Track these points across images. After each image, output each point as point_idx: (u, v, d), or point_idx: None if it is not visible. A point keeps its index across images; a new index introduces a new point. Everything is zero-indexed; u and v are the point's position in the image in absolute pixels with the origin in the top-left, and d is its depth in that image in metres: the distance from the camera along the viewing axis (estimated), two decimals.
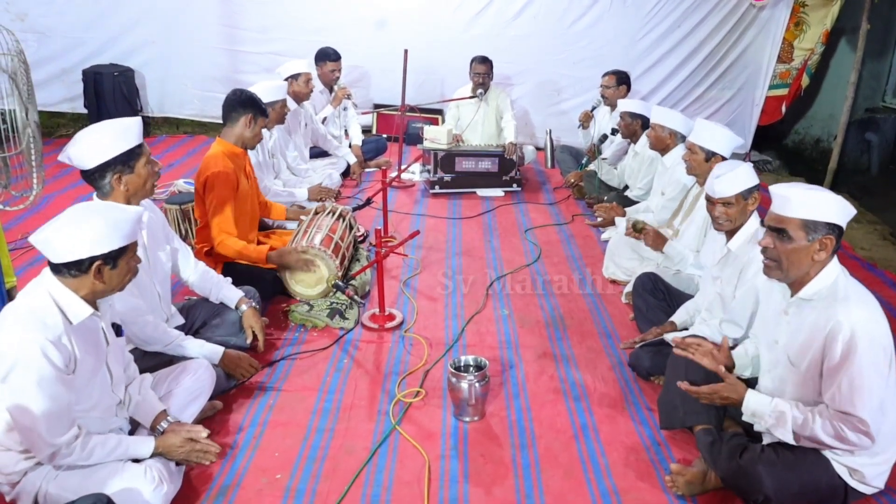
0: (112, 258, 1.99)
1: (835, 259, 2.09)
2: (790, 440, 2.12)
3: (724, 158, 3.24)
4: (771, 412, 2.14)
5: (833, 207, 2.04)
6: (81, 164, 2.42)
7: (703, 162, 3.27)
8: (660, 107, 4.17)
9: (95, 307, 2.07)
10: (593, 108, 5.48)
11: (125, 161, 2.45)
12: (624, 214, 4.39)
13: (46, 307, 1.95)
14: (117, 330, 2.22)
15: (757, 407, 2.18)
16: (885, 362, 1.99)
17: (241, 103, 3.43)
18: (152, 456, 2.17)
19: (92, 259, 1.95)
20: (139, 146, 2.50)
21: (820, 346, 2.04)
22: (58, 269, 1.97)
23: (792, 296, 2.15)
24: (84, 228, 1.94)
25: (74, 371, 1.97)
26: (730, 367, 2.38)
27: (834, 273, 2.08)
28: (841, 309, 2.00)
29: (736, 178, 2.64)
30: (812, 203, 2.04)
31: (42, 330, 1.90)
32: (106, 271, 2.00)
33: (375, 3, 6.47)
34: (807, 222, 2.04)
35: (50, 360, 1.88)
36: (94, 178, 2.45)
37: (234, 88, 3.54)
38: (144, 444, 2.17)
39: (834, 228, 2.04)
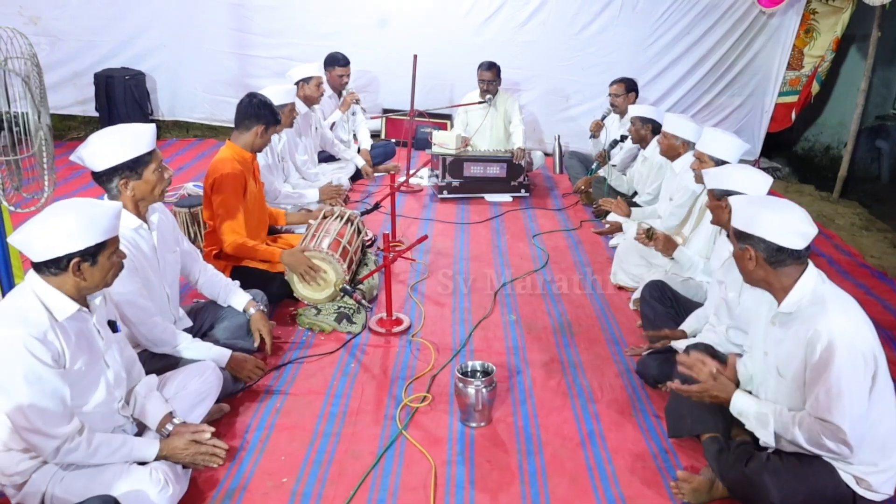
0: (90, 254, 1.98)
1: (809, 270, 2.10)
2: (771, 442, 2.16)
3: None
4: (755, 413, 2.18)
5: (758, 223, 2.07)
6: (91, 165, 2.44)
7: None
8: (671, 114, 4.16)
9: (85, 304, 2.08)
10: (604, 118, 5.46)
11: (133, 167, 2.46)
12: (629, 213, 4.39)
13: (31, 305, 1.96)
14: (112, 326, 2.22)
15: (743, 407, 2.23)
16: (864, 370, 1.98)
17: (256, 114, 3.44)
18: (157, 459, 2.18)
19: (69, 256, 1.95)
20: (149, 153, 2.50)
21: (802, 356, 2.05)
22: (39, 267, 1.98)
23: (777, 307, 2.15)
24: (58, 226, 1.94)
25: (66, 367, 1.97)
26: (735, 384, 2.36)
27: (810, 284, 2.08)
28: (820, 318, 2.01)
29: (718, 174, 2.71)
30: (741, 215, 2.14)
31: (25, 326, 1.90)
32: (85, 268, 1.99)
33: (385, 9, 6.50)
34: (734, 230, 2.16)
35: (35, 355, 1.89)
36: (102, 180, 2.47)
37: (249, 93, 3.54)
38: (149, 447, 2.18)
39: (757, 242, 2.07)
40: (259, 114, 3.44)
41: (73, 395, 2.00)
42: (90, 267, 2.00)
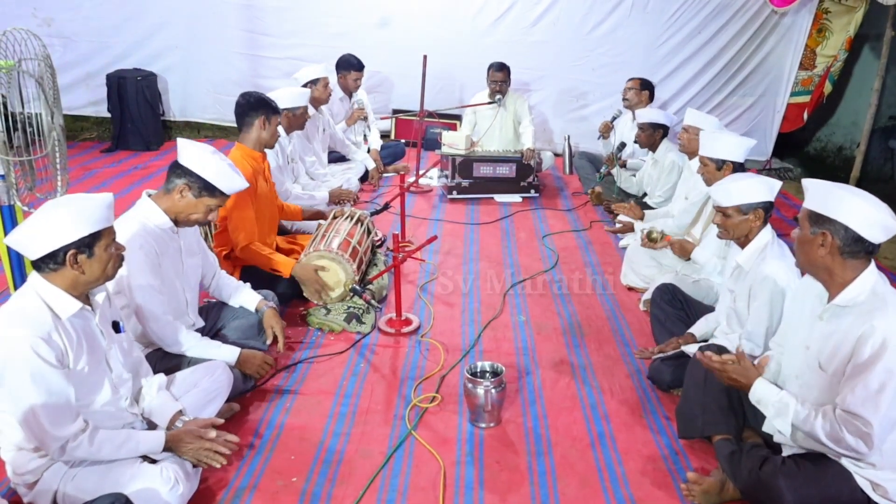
0: (86, 245, 1.98)
1: (871, 267, 2.05)
2: (787, 432, 2.12)
3: (736, 163, 3.22)
4: (776, 401, 2.14)
5: (842, 208, 1.98)
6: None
7: (715, 171, 3.27)
8: (693, 109, 4.15)
9: (87, 302, 2.08)
10: (613, 119, 5.45)
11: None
12: (642, 217, 4.38)
13: (34, 305, 1.97)
14: (116, 327, 2.23)
15: (763, 395, 2.19)
16: None
17: (253, 106, 3.45)
18: (164, 451, 2.18)
19: (64, 249, 1.95)
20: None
21: (849, 350, 2.01)
22: (38, 265, 1.99)
23: (829, 301, 2.11)
24: (51, 221, 1.94)
25: (69, 366, 1.98)
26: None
27: (871, 280, 2.03)
28: (878, 315, 1.96)
29: (735, 189, 2.63)
30: (821, 196, 2.04)
31: (29, 327, 1.91)
32: (83, 260, 1.99)
33: (394, 9, 6.51)
34: (811, 213, 2.06)
35: (40, 355, 1.89)
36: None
37: (242, 93, 3.54)
38: (155, 440, 2.18)
39: (838, 228, 1.99)
40: (257, 106, 3.43)
41: (79, 395, 2.02)
42: (88, 259, 2.00)
